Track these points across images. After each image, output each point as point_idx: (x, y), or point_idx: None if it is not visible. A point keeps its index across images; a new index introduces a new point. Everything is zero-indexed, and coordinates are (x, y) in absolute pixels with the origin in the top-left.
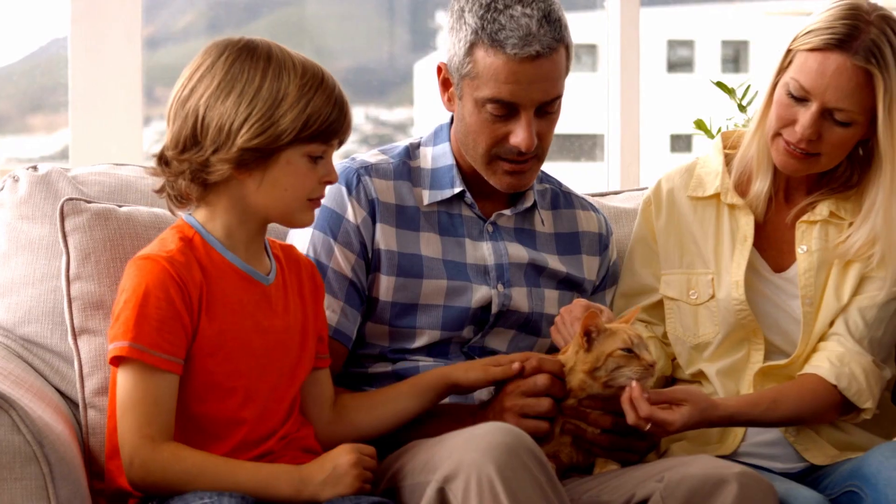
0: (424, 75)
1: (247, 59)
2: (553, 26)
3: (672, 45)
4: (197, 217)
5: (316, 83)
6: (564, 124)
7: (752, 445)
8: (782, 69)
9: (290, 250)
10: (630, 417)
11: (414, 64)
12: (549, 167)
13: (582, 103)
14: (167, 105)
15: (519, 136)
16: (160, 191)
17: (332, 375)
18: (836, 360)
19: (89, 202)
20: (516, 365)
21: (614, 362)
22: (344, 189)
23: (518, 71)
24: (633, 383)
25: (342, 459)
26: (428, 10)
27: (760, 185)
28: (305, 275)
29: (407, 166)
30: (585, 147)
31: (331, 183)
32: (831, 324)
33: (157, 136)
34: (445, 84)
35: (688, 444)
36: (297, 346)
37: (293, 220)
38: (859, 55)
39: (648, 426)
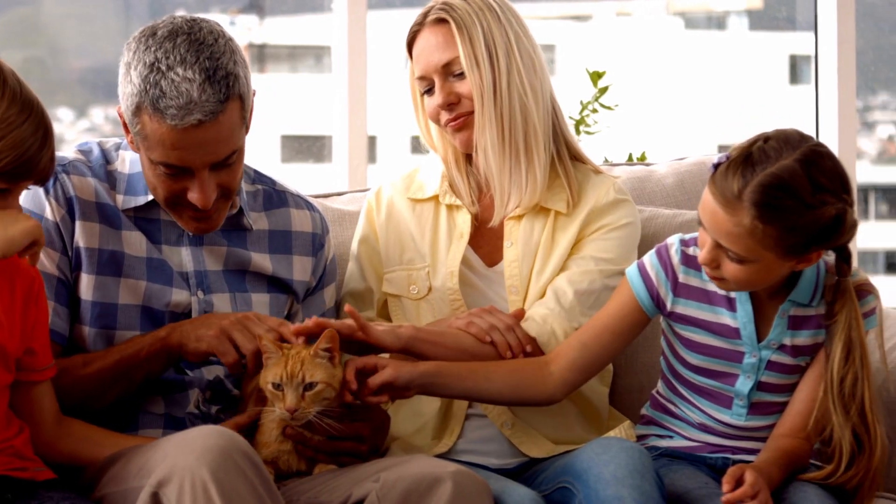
0: None
1: None
2: (218, 86)
3: None
4: None
5: (20, 120)
6: (298, 126)
7: (468, 442)
8: (412, 68)
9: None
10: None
11: None
12: (282, 168)
13: (317, 105)
14: None
15: (195, 194)
16: None
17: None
18: (539, 318)
19: None
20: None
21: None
22: (41, 189)
23: (183, 138)
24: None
25: None
26: (166, 10)
27: (460, 182)
28: (21, 283)
29: (104, 168)
30: (315, 149)
31: None
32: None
33: None
34: (126, 128)
35: (406, 442)
36: None
37: None
38: (432, 16)
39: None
